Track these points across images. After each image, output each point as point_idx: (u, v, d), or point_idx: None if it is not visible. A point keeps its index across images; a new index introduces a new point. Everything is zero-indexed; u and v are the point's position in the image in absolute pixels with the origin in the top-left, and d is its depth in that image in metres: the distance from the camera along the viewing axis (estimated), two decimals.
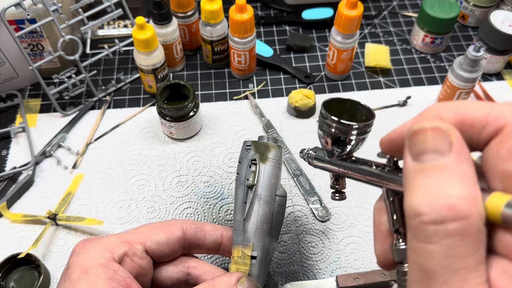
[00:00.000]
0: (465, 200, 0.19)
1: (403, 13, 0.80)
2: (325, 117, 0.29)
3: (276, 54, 0.71)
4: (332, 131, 0.29)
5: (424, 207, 0.19)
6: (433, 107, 0.23)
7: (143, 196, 0.57)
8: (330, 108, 0.30)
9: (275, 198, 0.41)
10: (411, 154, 0.21)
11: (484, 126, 0.21)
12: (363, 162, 0.29)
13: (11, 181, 0.58)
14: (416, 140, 0.21)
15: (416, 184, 0.20)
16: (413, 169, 0.21)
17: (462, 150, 0.20)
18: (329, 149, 0.30)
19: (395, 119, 0.64)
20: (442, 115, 0.22)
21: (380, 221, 0.26)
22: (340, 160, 0.30)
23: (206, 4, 0.62)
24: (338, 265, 0.51)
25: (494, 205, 0.19)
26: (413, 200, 0.20)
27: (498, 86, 0.69)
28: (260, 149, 0.43)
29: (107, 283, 0.33)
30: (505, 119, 0.20)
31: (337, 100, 0.31)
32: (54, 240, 0.53)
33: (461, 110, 0.22)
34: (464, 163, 0.20)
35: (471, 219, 0.19)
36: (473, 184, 0.20)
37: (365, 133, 0.29)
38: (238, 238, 0.40)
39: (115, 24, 0.77)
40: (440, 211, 0.19)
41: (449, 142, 0.20)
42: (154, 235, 0.38)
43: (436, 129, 0.20)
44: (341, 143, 0.29)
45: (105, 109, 0.66)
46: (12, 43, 0.60)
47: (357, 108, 0.31)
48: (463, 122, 0.22)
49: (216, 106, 0.66)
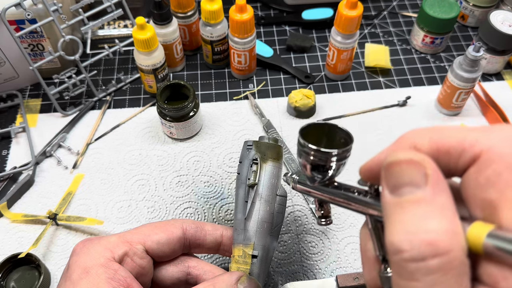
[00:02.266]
0: (445, 234, 0.18)
1: (403, 13, 0.80)
2: (303, 145, 0.29)
3: (276, 54, 0.72)
4: (311, 158, 0.29)
5: (403, 244, 0.19)
6: (408, 135, 0.23)
7: (143, 196, 0.57)
8: (307, 134, 0.30)
9: (275, 198, 0.42)
10: (388, 186, 0.21)
11: (461, 154, 0.21)
12: (345, 188, 0.28)
13: (11, 181, 0.58)
14: (391, 172, 0.21)
15: (395, 219, 0.20)
16: (391, 202, 0.20)
17: (438, 181, 0.20)
18: (310, 175, 0.30)
19: (395, 119, 0.64)
20: (417, 143, 0.22)
21: (366, 247, 0.26)
22: (322, 186, 0.30)
23: (206, 4, 0.62)
24: (338, 265, 0.51)
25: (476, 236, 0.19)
26: (393, 236, 0.20)
27: (498, 86, 0.69)
28: (261, 149, 0.43)
29: (108, 283, 0.33)
30: (481, 146, 0.20)
31: (315, 125, 0.31)
32: (55, 240, 0.53)
33: (436, 137, 0.21)
34: (441, 194, 0.20)
35: (452, 253, 0.18)
36: (452, 216, 0.19)
37: (344, 158, 0.29)
38: (239, 237, 0.40)
39: (115, 24, 0.77)
40: (420, 248, 0.18)
41: (425, 174, 0.20)
42: (155, 235, 0.38)
43: (410, 161, 0.20)
44: (321, 170, 0.29)
45: (105, 109, 0.66)
46: (12, 43, 0.60)
47: (335, 131, 0.30)
48: (438, 149, 0.21)
49: (216, 106, 0.66)
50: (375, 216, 0.26)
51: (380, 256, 0.25)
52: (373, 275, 0.25)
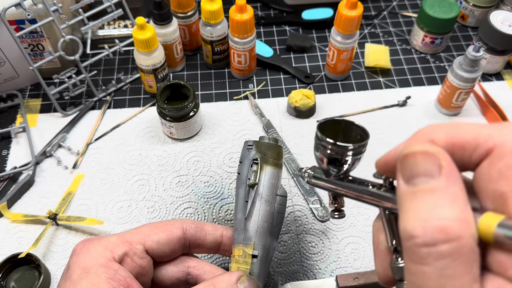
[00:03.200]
0: (456, 221, 0.19)
1: (403, 13, 0.80)
2: (321, 139, 0.30)
3: (276, 54, 0.72)
4: (328, 152, 0.30)
5: (416, 230, 0.20)
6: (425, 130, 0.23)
7: (143, 196, 0.57)
8: (325, 129, 0.31)
9: (276, 198, 0.42)
10: (403, 177, 0.22)
11: (475, 148, 0.22)
12: (360, 181, 0.30)
13: (11, 181, 0.58)
14: (407, 163, 0.22)
15: (409, 207, 0.21)
16: (405, 192, 0.21)
17: (452, 172, 0.21)
18: (326, 169, 0.31)
19: (395, 119, 0.64)
20: (433, 137, 0.23)
21: (379, 239, 0.27)
22: (337, 180, 0.31)
23: (206, 4, 0.62)
24: (338, 265, 0.51)
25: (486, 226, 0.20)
26: (406, 223, 0.20)
27: (498, 86, 0.69)
28: (261, 149, 0.43)
29: (108, 283, 0.33)
30: (494, 141, 0.21)
31: (332, 121, 0.32)
32: (55, 240, 0.53)
33: (452, 132, 0.22)
34: (454, 185, 0.20)
35: (463, 240, 0.19)
36: (464, 205, 0.20)
37: (360, 153, 0.30)
38: (239, 237, 0.40)
39: (115, 24, 0.77)
40: (432, 234, 0.19)
41: (439, 165, 0.21)
42: (154, 235, 0.38)
43: (425, 152, 0.21)
44: (337, 164, 0.30)
45: (105, 109, 0.66)
46: (12, 43, 0.60)
47: (351, 128, 0.31)
48: (454, 144, 0.22)
49: (216, 106, 0.66)
50: (389, 208, 0.27)
51: (392, 247, 0.26)
52: (385, 266, 0.26)
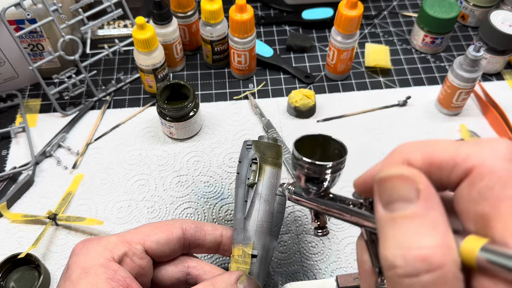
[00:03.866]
0: (437, 249, 0.19)
1: (403, 13, 0.80)
2: (298, 158, 0.29)
3: (276, 54, 0.71)
4: (306, 171, 0.29)
5: (397, 259, 0.19)
6: (400, 149, 0.23)
7: (143, 196, 0.57)
8: (302, 146, 0.30)
9: (275, 197, 0.41)
10: (381, 201, 0.21)
11: (453, 168, 0.21)
12: (341, 200, 0.29)
13: (11, 181, 0.58)
14: (384, 188, 0.21)
15: (388, 234, 0.20)
16: (384, 218, 0.21)
17: (430, 196, 0.20)
18: (305, 187, 0.30)
19: (395, 119, 0.64)
20: (409, 158, 0.22)
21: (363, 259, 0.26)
22: (318, 197, 0.30)
23: (206, 4, 0.62)
24: (338, 265, 0.51)
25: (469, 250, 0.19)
26: (386, 252, 0.20)
27: (498, 86, 0.69)
28: (260, 149, 0.43)
29: (107, 283, 0.33)
30: (473, 161, 0.20)
31: (308, 137, 0.31)
32: (54, 240, 0.53)
33: (429, 151, 0.22)
34: (433, 209, 0.20)
35: (445, 268, 0.18)
36: (444, 230, 0.19)
37: (339, 170, 0.29)
38: (238, 237, 0.40)
39: (115, 24, 0.77)
40: (413, 264, 0.19)
41: (416, 189, 0.20)
42: (154, 235, 0.38)
43: (401, 176, 0.21)
44: (316, 182, 0.29)
45: (105, 109, 0.66)
46: (12, 43, 0.60)
47: (329, 143, 0.30)
48: (431, 164, 0.21)
49: (216, 106, 0.66)
50: (370, 228, 0.26)
51: (377, 268, 0.25)
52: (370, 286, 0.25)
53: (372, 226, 0.25)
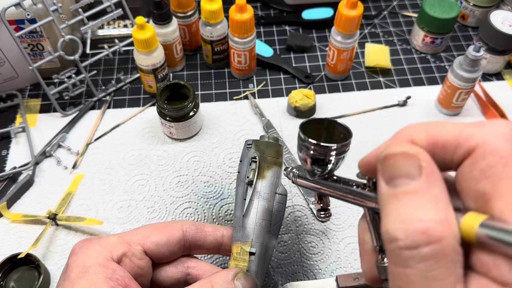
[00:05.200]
0: (438, 223, 0.19)
1: (403, 13, 0.80)
2: (303, 139, 0.30)
3: (276, 54, 0.71)
4: (311, 153, 0.30)
5: (398, 232, 0.20)
6: (405, 130, 0.23)
7: (143, 196, 0.57)
8: (307, 129, 0.31)
9: (275, 196, 0.41)
10: (384, 178, 0.22)
11: (456, 148, 0.21)
12: (344, 181, 0.29)
13: (11, 181, 0.58)
14: (387, 164, 0.22)
15: (390, 208, 0.21)
16: (387, 193, 0.21)
17: (433, 173, 0.20)
18: (310, 169, 0.31)
19: (395, 119, 0.64)
20: (414, 138, 0.23)
21: (364, 239, 0.27)
22: (322, 179, 0.31)
23: (206, 4, 0.62)
24: (338, 265, 0.51)
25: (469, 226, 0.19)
26: (388, 225, 0.20)
27: (498, 86, 0.69)
28: (260, 148, 0.43)
29: (106, 282, 0.33)
30: (476, 140, 0.21)
31: (314, 120, 0.31)
32: (54, 240, 0.53)
33: (433, 132, 0.22)
34: (435, 186, 0.20)
35: (445, 242, 0.19)
36: (445, 206, 0.20)
37: (343, 153, 0.30)
38: (237, 235, 0.40)
39: (115, 24, 0.77)
40: (414, 236, 0.19)
41: (419, 166, 0.20)
42: (154, 236, 0.38)
43: (405, 153, 0.21)
44: (321, 164, 0.30)
45: (105, 109, 0.66)
46: (12, 43, 0.60)
47: (334, 126, 0.31)
48: (435, 144, 0.22)
49: (216, 106, 0.66)
50: (373, 208, 0.26)
51: (377, 246, 0.25)
52: (370, 265, 0.26)
53: (374, 206, 0.26)
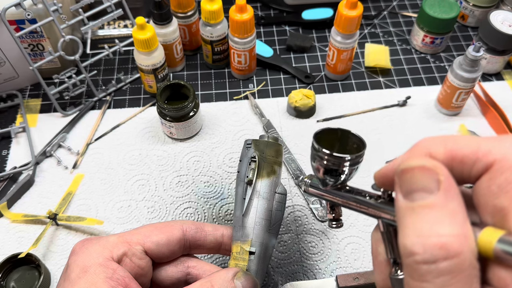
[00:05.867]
0: (455, 238, 0.19)
1: (403, 13, 0.80)
2: (317, 149, 0.29)
3: (276, 54, 0.72)
4: (325, 163, 0.29)
5: (416, 247, 0.20)
6: (424, 142, 0.23)
7: (143, 196, 0.57)
8: (321, 139, 0.30)
9: (274, 195, 0.42)
10: (402, 191, 0.22)
11: (474, 162, 0.21)
12: (357, 192, 0.29)
13: (11, 181, 0.58)
14: (405, 178, 0.21)
15: (408, 222, 0.21)
16: (404, 207, 0.21)
17: (450, 187, 0.20)
18: (323, 179, 0.31)
19: (395, 119, 0.64)
20: (432, 151, 0.22)
21: (377, 250, 0.27)
22: (335, 190, 0.31)
23: (206, 4, 0.62)
24: (338, 265, 0.51)
25: (486, 241, 0.19)
26: (406, 239, 0.20)
27: (498, 86, 0.69)
28: (260, 147, 0.43)
29: (106, 282, 0.33)
30: (494, 156, 0.21)
31: (328, 130, 0.31)
32: (54, 240, 0.53)
33: (451, 146, 0.22)
34: (452, 200, 0.20)
35: (462, 256, 0.19)
36: (463, 221, 0.20)
37: (357, 163, 0.29)
38: (237, 234, 0.40)
39: (115, 24, 0.77)
40: (432, 251, 0.19)
41: (437, 180, 0.20)
42: (154, 236, 0.38)
43: (423, 167, 0.21)
44: (334, 174, 0.30)
45: (105, 109, 0.66)
46: (12, 43, 0.60)
47: (348, 137, 0.31)
48: (453, 158, 0.22)
49: (216, 106, 0.66)
50: (387, 220, 0.26)
51: (391, 259, 0.25)
52: (384, 277, 0.26)
53: (389, 218, 0.26)
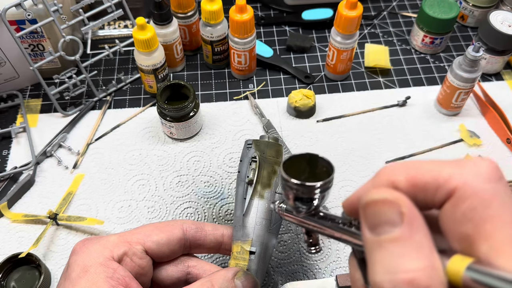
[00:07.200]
0: (423, 272, 0.19)
1: (403, 14, 0.80)
2: (286, 179, 0.29)
3: (276, 54, 0.72)
4: (295, 192, 0.29)
5: (385, 284, 0.20)
6: (385, 171, 0.23)
7: (143, 196, 0.57)
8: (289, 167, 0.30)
9: (274, 195, 0.42)
10: (367, 225, 0.22)
11: (437, 189, 0.21)
12: (331, 218, 0.29)
13: (11, 181, 0.58)
14: (369, 212, 0.21)
15: (376, 258, 0.21)
16: (371, 241, 0.21)
17: (414, 218, 0.20)
18: (295, 207, 0.31)
19: (395, 119, 0.64)
20: (394, 180, 0.22)
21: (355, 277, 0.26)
22: (309, 216, 0.31)
23: (206, 5, 0.62)
24: (338, 265, 0.51)
25: (455, 270, 0.19)
26: (375, 276, 0.20)
27: (498, 86, 0.69)
28: (260, 147, 0.43)
29: (106, 281, 0.33)
30: (455, 182, 0.21)
31: (295, 157, 0.31)
32: (55, 240, 0.54)
33: (412, 173, 0.22)
34: (417, 232, 0.20)
35: None
36: (429, 252, 0.20)
37: (327, 189, 0.29)
38: (237, 234, 0.40)
39: (115, 24, 0.77)
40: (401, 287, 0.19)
41: (400, 213, 0.20)
42: (155, 235, 0.38)
43: (385, 200, 0.21)
44: (305, 201, 0.30)
45: (106, 109, 0.66)
46: (12, 43, 0.60)
47: (317, 160, 0.31)
48: (415, 185, 0.22)
49: (216, 106, 0.67)
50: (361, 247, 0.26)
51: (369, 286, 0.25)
52: None
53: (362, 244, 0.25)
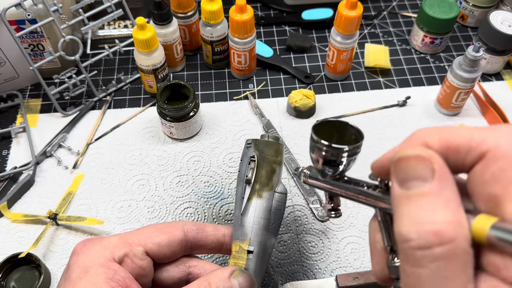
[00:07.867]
0: (449, 224, 0.20)
1: (403, 13, 0.80)
2: (316, 141, 0.30)
3: (276, 54, 0.72)
4: (323, 154, 0.30)
5: (411, 233, 0.20)
6: (420, 133, 0.24)
7: (143, 196, 0.57)
8: (319, 131, 0.31)
9: (273, 195, 0.42)
10: (397, 180, 0.22)
11: (468, 151, 0.22)
12: (355, 182, 0.30)
13: (11, 181, 0.58)
14: (400, 167, 0.22)
15: (403, 210, 0.21)
16: (400, 195, 0.22)
17: (444, 176, 0.21)
18: (321, 169, 0.31)
19: (395, 119, 0.64)
20: (427, 141, 0.23)
21: (375, 239, 0.27)
22: (333, 180, 0.32)
23: (206, 5, 0.62)
24: (338, 265, 0.51)
25: (480, 228, 0.20)
26: (401, 227, 0.21)
27: (498, 86, 0.69)
28: (259, 147, 0.43)
29: (107, 283, 0.33)
30: (488, 145, 0.21)
31: (326, 122, 0.32)
32: (55, 240, 0.54)
33: (446, 136, 0.23)
34: (446, 188, 0.21)
35: (456, 242, 0.20)
36: (457, 208, 0.21)
37: (355, 154, 0.30)
38: (236, 233, 0.40)
39: (115, 24, 0.77)
40: (426, 237, 0.20)
41: (432, 169, 0.21)
42: (155, 237, 0.38)
43: (418, 156, 0.22)
44: (332, 165, 0.30)
45: (106, 109, 0.66)
46: (12, 43, 0.60)
47: (346, 128, 0.32)
48: (448, 147, 0.23)
49: (216, 106, 0.67)
50: (384, 209, 0.27)
51: (388, 247, 0.26)
52: (381, 265, 0.27)
53: (385, 207, 0.27)
